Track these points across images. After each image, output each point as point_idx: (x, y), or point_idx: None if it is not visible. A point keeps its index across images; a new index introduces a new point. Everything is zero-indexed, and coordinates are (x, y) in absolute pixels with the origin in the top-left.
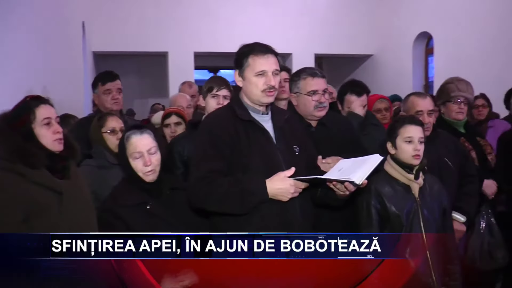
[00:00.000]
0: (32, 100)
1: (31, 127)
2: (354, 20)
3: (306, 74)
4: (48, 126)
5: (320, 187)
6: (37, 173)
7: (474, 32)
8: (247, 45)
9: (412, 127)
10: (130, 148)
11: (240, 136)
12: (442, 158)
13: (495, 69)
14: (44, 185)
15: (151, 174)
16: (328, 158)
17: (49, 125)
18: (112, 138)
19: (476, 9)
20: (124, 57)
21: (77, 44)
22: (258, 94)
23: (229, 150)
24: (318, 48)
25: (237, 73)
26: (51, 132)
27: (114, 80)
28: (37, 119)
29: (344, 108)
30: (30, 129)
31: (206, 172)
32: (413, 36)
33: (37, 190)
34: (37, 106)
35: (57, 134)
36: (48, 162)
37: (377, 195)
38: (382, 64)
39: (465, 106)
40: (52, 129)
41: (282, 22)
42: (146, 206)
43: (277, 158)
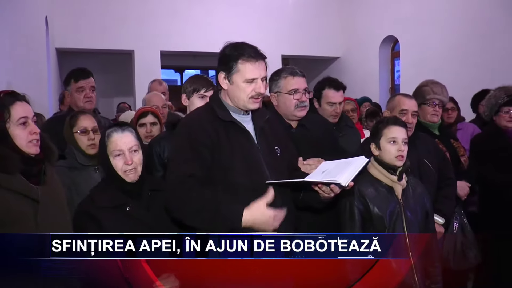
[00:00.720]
0: (7, 97)
1: (5, 127)
2: (321, 22)
3: (286, 73)
4: (24, 126)
5: (303, 190)
6: (11, 179)
7: (438, 37)
8: (236, 47)
9: (396, 128)
10: (110, 146)
11: (220, 137)
12: (422, 160)
13: (459, 73)
14: (19, 192)
15: (132, 173)
16: (309, 159)
17: (25, 125)
18: (83, 138)
19: (441, 14)
20: (88, 55)
21: (40, 40)
22: (245, 100)
23: (209, 152)
24: (285, 50)
25: (223, 75)
26: (27, 132)
27: (88, 78)
28: (12, 118)
29: (321, 104)
30: (4, 129)
31: (185, 176)
32: (380, 40)
33: (12, 197)
34: (13, 103)
35: (33, 135)
36: (23, 166)
37: (360, 196)
38: (349, 66)
39: (439, 109)
40: (29, 130)
41: (249, 22)
42: (126, 208)
43: (259, 160)
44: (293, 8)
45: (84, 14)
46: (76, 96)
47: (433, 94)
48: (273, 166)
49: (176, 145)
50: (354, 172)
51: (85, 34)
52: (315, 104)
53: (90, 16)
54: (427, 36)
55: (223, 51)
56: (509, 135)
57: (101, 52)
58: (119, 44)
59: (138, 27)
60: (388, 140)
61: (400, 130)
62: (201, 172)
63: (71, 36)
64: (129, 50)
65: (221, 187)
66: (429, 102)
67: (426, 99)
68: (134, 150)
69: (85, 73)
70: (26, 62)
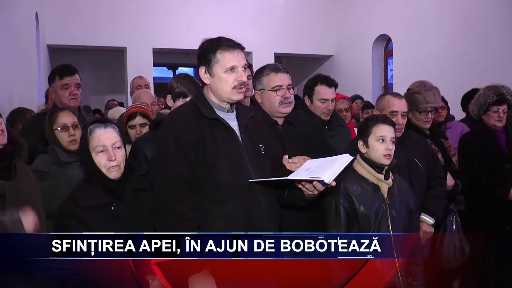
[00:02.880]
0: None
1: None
2: (314, 20)
3: (269, 70)
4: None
5: (287, 188)
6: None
7: (431, 36)
8: (213, 40)
9: (385, 126)
10: (93, 142)
11: (205, 135)
12: (412, 159)
13: (451, 71)
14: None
15: (115, 170)
16: (294, 157)
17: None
18: (63, 134)
19: (435, 13)
20: (80, 52)
21: (30, 36)
22: (229, 91)
23: (194, 150)
24: (278, 48)
25: (204, 70)
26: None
27: (73, 75)
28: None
29: (313, 101)
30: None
31: (171, 177)
32: (373, 38)
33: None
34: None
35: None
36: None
37: (345, 194)
38: (342, 65)
39: (432, 115)
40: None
41: (242, 20)
42: (110, 208)
43: (243, 158)
44: (286, 6)
45: (76, 10)
46: (60, 93)
47: (426, 103)
48: (258, 163)
49: (162, 144)
50: (338, 169)
51: (76, 30)
52: (306, 101)
53: (81, 12)
54: (421, 35)
55: (201, 47)
56: (498, 134)
57: (93, 49)
58: (111, 41)
59: (130, 24)
60: (377, 138)
61: (389, 129)
62: (188, 172)
63: (63, 32)
64: (121, 47)
65: (207, 187)
66: (421, 110)
67: (418, 107)
68: (117, 147)
69: (70, 70)
70: (16, 58)
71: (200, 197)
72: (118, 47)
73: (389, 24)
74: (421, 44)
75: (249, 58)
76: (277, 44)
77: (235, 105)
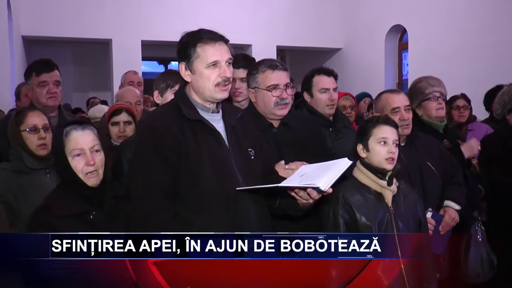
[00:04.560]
0: None
1: None
2: (321, 9)
3: (265, 66)
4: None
5: (279, 196)
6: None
7: (453, 25)
8: (193, 33)
9: (386, 127)
10: (69, 145)
11: (188, 138)
12: (424, 162)
13: (476, 66)
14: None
15: (93, 176)
16: (291, 163)
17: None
18: (32, 137)
19: (455, 1)
20: (60, 44)
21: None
22: (211, 89)
23: (175, 155)
24: (280, 40)
25: (184, 66)
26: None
27: (51, 71)
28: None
29: (313, 93)
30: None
31: (150, 187)
32: (386, 29)
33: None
34: None
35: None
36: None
37: (345, 204)
38: (351, 59)
39: (443, 102)
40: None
41: (241, 9)
42: (89, 216)
43: (230, 163)
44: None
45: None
46: (37, 92)
47: (432, 87)
48: (246, 170)
49: (140, 149)
50: (335, 175)
51: (55, 20)
52: (305, 98)
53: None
54: (439, 26)
55: (180, 41)
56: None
57: (74, 41)
58: (95, 32)
59: (116, 13)
60: (378, 141)
61: (391, 130)
62: (167, 179)
63: (40, 22)
64: (106, 39)
65: (190, 196)
66: (430, 97)
67: (426, 94)
68: (95, 150)
69: (48, 66)
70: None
71: (181, 207)
72: (102, 39)
73: (404, 14)
74: (440, 35)
75: (248, 52)
76: (279, 36)
77: (221, 104)
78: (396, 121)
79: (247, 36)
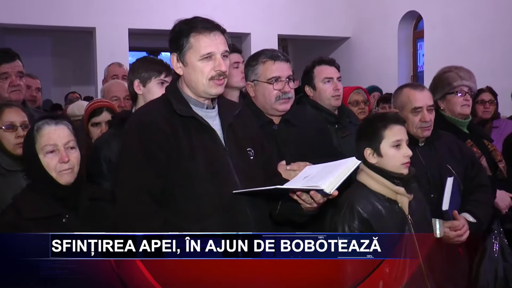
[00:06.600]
0: None
1: None
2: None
3: (265, 57)
4: None
5: (280, 200)
6: None
7: (474, 11)
8: (186, 21)
9: (398, 127)
10: (41, 141)
11: (179, 137)
12: (444, 165)
13: (498, 57)
14: None
15: (67, 174)
16: (293, 164)
17: None
18: (9, 135)
19: None
20: (39, 33)
21: None
22: (205, 84)
23: (165, 156)
24: (282, 29)
25: (175, 57)
26: None
27: (12, 61)
28: None
29: (316, 85)
30: None
31: (138, 190)
32: (399, 16)
33: None
34: None
35: None
36: None
37: (359, 217)
38: (361, 49)
39: (470, 98)
40: None
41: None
42: (62, 220)
43: (227, 164)
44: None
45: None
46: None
47: (461, 80)
48: (245, 171)
49: (126, 148)
50: (341, 177)
51: (34, 7)
52: (307, 92)
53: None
54: (458, 12)
55: (172, 30)
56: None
57: (54, 30)
58: (77, 21)
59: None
60: (392, 144)
61: (403, 130)
62: (157, 182)
63: (16, 9)
64: (89, 27)
65: (182, 200)
66: (457, 90)
67: (453, 87)
68: (70, 147)
69: (8, 55)
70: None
71: (172, 212)
72: (85, 28)
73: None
74: (458, 23)
75: (247, 41)
76: (281, 24)
77: (216, 99)
78: (416, 122)
79: (245, 24)
